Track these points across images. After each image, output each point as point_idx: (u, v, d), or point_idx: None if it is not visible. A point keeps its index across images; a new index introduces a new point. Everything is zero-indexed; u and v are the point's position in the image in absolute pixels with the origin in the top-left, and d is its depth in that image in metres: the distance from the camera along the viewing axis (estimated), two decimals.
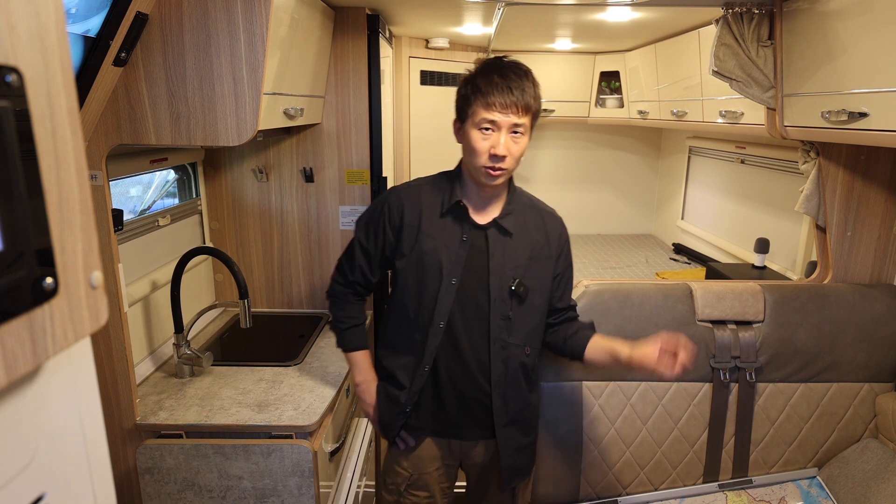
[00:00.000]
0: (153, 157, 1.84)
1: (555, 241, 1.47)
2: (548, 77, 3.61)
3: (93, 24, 1.17)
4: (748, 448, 1.85)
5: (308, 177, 2.26)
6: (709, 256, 3.33)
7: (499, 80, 1.28)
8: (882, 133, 1.38)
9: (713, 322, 1.81)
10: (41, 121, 0.43)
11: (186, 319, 1.84)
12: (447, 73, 3.32)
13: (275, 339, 2.18)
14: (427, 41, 3.19)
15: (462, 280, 1.39)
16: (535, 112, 1.33)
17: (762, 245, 2.61)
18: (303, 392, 1.69)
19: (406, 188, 1.46)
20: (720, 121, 2.28)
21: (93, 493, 0.55)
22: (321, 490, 1.59)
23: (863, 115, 1.42)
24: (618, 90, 3.60)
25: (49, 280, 0.45)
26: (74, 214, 0.47)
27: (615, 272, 3.28)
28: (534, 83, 1.33)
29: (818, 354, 1.82)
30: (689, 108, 2.62)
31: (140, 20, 1.27)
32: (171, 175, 2.17)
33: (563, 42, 3.14)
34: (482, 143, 1.30)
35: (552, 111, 3.65)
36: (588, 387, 1.80)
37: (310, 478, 1.52)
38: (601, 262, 3.49)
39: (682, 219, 3.79)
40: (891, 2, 1.31)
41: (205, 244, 2.27)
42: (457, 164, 1.46)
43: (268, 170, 2.26)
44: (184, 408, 1.59)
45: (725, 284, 1.84)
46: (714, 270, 2.68)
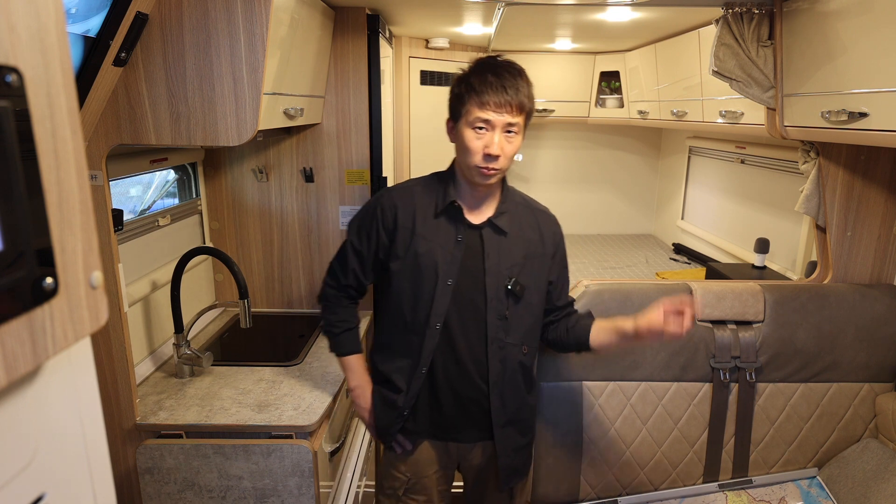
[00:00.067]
0: (153, 157, 1.84)
1: (549, 240, 1.46)
2: (548, 77, 3.61)
3: (93, 24, 1.17)
4: (748, 448, 1.85)
5: (308, 177, 2.26)
6: (709, 256, 3.33)
7: (493, 80, 1.28)
8: (882, 133, 1.38)
9: (713, 322, 1.81)
10: (41, 121, 0.43)
11: (186, 319, 1.84)
12: (447, 73, 3.32)
13: (275, 339, 2.18)
14: (427, 41, 3.19)
15: (458, 281, 1.38)
16: (529, 111, 1.33)
17: (762, 245, 2.61)
18: (303, 392, 1.69)
19: (398, 189, 1.45)
20: (720, 121, 2.28)
21: (93, 493, 0.55)
22: (321, 490, 1.59)
23: (863, 115, 1.42)
24: (618, 90, 3.60)
25: (49, 280, 0.45)
26: (74, 214, 0.47)
27: (615, 272, 3.28)
28: (527, 82, 1.32)
29: (818, 354, 1.82)
30: (689, 108, 2.62)
31: (140, 20, 1.27)
32: (171, 175, 2.17)
33: (563, 42, 3.14)
34: (476, 143, 1.30)
35: (552, 111, 3.65)
36: (588, 387, 1.80)
37: (310, 478, 1.52)
38: (601, 262, 3.49)
39: (682, 219, 3.79)
40: (891, 2, 1.31)
41: (205, 244, 2.27)
42: (449, 165, 1.45)
43: (268, 170, 2.26)
44: (184, 408, 1.59)
45: (725, 284, 1.84)
46: (714, 270, 2.68)
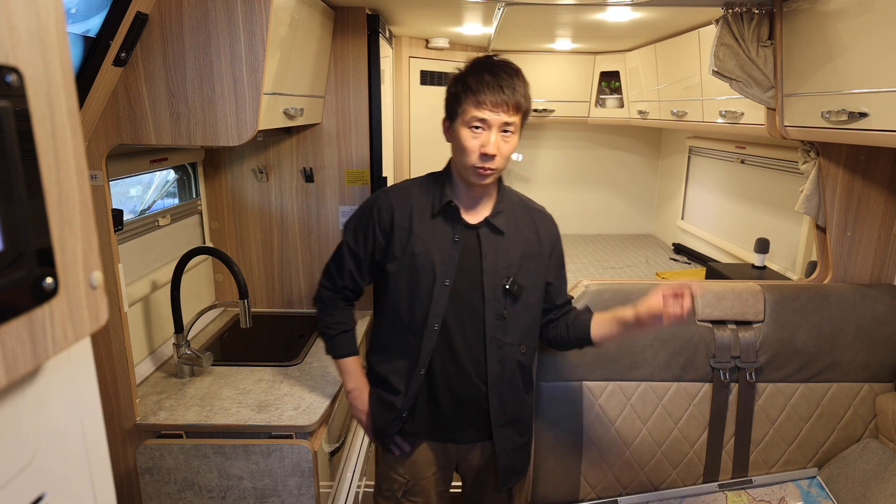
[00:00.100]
0: (153, 157, 1.84)
1: (546, 239, 1.46)
2: (548, 77, 3.61)
3: (93, 24, 1.17)
4: (748, 448, 1.84)
5: (308, 177, 2.26)
6: (709, 256, 3.33)
7: (489, 79, 1.27)
8: (882, 133, 1.38)
9: (713, 322, 1.81)
10: (41, 121, 0.43)
11: (186, 319, 1.84)
12: (447, 74, 3.30)
13: (275, 339, 2.18)
14: (427, 41, 3.19)
15: (455, 281, 1.37)
16: (526, 111, 1.33)
17: (762, 245, 2.61)
18: (303, 392, 1.69)
19: (394, 190, 1.44)
20: (720, 121, 2.28)
21: (93, 493, 0.55)
22: (321, 490, 1.59)
23: (863, 115, 1.42)
24: (618, 90, 3.60)
25: (49, 280, 0.45)
26: (74, 214, 0.47)
27: (615, 272, 3.28)
28: (524, 82, 1.32)
29: (818, 354, 1.82)
30: (689, 108, 2.62)
31: (140, 20, 1.27)
32: (171, 175, 2.17)
33: (563, 42, 3.14)
34: (472, 142, 1.29)
35: (552, 111, 3.65)
36: (588, 387, 1.80)
37: (310, 478, 1.52)
38: (601, 262, 3.49)
39: (682, 219, 3.79)
40: (891, 2, 1.31)
41: (205, 244, 2.27)
42: (445, 165, 1.45)
43: (268, 170, 2.26)
44: (184, 408, 1.59)
45: (725, 284, 1.84)
46: (714, 270, 2.68)
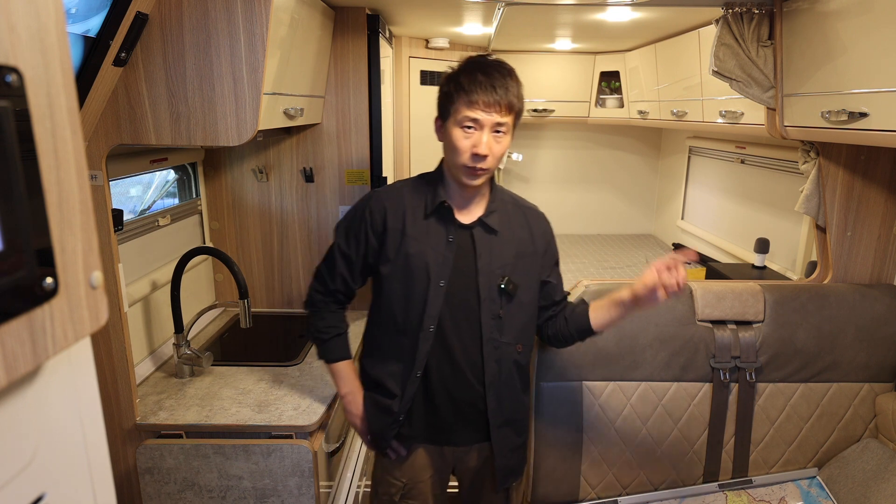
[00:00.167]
0: (153, 157, 1.84)
1: (539, 237, 1.45)
2: (548, 77, 3.61)
3: (93, 24, 1.17)
4: (748, 448, 1.84)
5: (308, 177, 2.26)
6: (709, 256, 3.33)
7: (482, 79, 1.26)
8: (882, 133, 1.38)
9: (713, 322, 1.81)
10: (41, 121, 0.43)
11: (186, 319, 1.84)
12: None
13: (275, 339, 2.18)
14: (427, 41, 3.19)
15: (450, 281, 1.36)
16: (518, 111, 1.32)
17: (762, 245, 2.61)
18: (303, 392, 1.69)
19: (386, 191, 1.43)
20: (720, 121, 2.28)
21: (93, 493, 0.55)
22: (321, 490, 1.59)
23: (863, 115, 1.42)
24: (618, 90, 3.60)
25: (49, 280, 0.45)
26: (74, 214, 0.47)
27: (615, 272, 3.28)
28: (517, 82, 1.31)
29: (818, 354, 1.82)
30: (689, 108, 2.62)
31: (140, 20, 1.27)
32: (171, 175, 2.17)
33: (563, 42, 3.14)
34: (464, 142, 1.29)
35: (552, 111, 3.65)
36: (588, 387, 1.80)
37: (310, 478, 1.52)
38: (601, 262, 3.49)
39: (682, 219, 3.79)
40: (891, 2, 1.31)
41: (205, 244, 2.27)
42: (437, 165, 1.44)
43: (268, 170, 2.26)
44: (184, 408, 1.59)
45: (725, 284, 1.84)
46: (714, 270, 2.68)
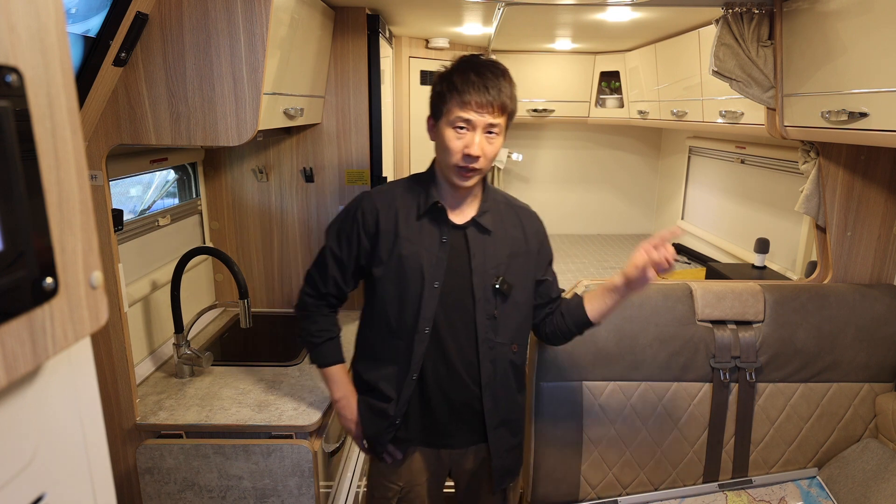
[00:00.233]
0: (153, 157, 1.84)
1: (533, 236, 1.45)
2: (548, 77, 3.61)
3: (93, 24, 1.17)
4: (748, 448, 1.84)
5: (308, 177, 2.26)
6: (709, 256, 3.33)
7: (475, 79, 1.25)
8: (882, 133, 1.38)
9: (713, 322, 1.81)
10: (41, 121, 0.43)
11: (186, 319, 1.84)
12: None
13: (275, 339, 2.18)
14: (427, 41, 3.19)
15: (444, 282, 1.35)
16: (511, 112, 1.31)
17: (762, 245, 2.61)
18: (303, 392, 1.69)
19: (378, 192, 1.42)
20: (720, 121, 2.28)
21: (93, 493, 0.55)
22: (321, 490, 1.59)
23: (863, 115, 1.42)
24: (618, 90, 3.60)
25: (49, 280, 0.45)
26: (74, 214, 0.47)
27: (615, 272, 3.27)
28: (510, 83, 1.30)
29: (818, 354, 1.82)
30: (689, 108, 2.62)
31: (140, 20, 1.27)
32: (171, 175, 2.17)
33: (563, 42, 3.14)
34: (456, 143, 1.28)
35: (552, 111, 3.65)
36: (588, 387, 1.80)
37: (310, 478, 1.52)
38: (601, 262, 3.49)
39: (682, 219, 3.79)
40: (891, 2, 1.31)
41: (205, 244, 2.27)
42: (429, 166, 1.43)
43: (268, 170, 2.26)
44: (184, 408, 1.59)
45: (725, 284, 1.84)
46: (714, 270, 2.68)
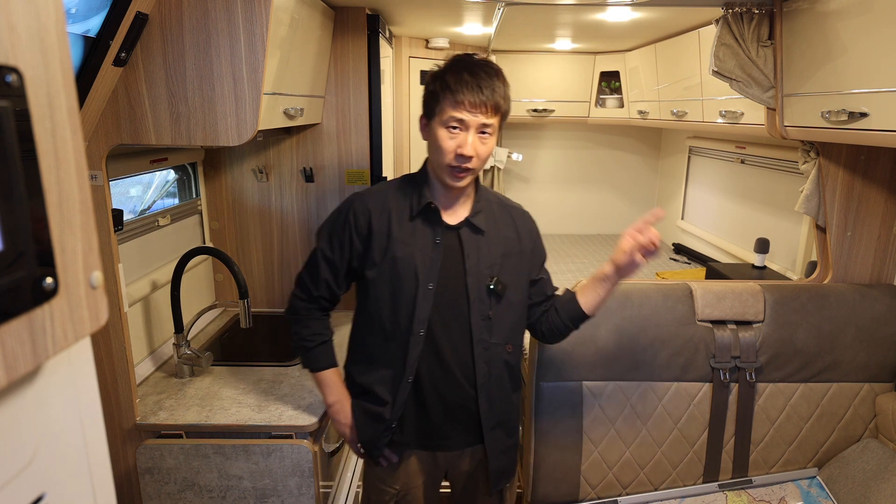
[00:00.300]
0: (153, 157, 1.84)
1: (526, 236, 1.45)
2: (548, 77, 3.61)
3: (93, 24, 1.17)
4: (748, 448, 1.84)
5: (308, 177, 2.26)
6: (709, 256, 3.33)
7: (469, 79, 1.25)
8: (882, 133, 1.38)
9: (713, 322, 1.81)
10: (41, 121, 0.43)
11: (186, 319, 1.84)
12: None
13: (275, 339, 2.18)
14: (427, 41, 3.19)
15: (439, 284, 1.34)
16: (505, 113, 1.30)
17: (762, 245, 2.61)
18: (303, 392, 1.69)
19: (370, 193, 1.40)
20: (720, 121, 2.28)
21: (93, 493, 0.55)
22: (321, 490, 1.59)
23: (863, 115, 1.42)
24: (618, 90, 3.60)
25: (49, 280, 0.45)
26: (74, 214, 0.47)
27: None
28: (504, 83, 1.30)
29: (818, 354, 1.82)
30: (689, 108, 2.62)
31: (140, 20, 1.27)
32: (171, 175, 2.17)
33: (563, 42, 3.14)
34: (449, 143, 1.27)
35: (552, 111, 3.65)
36: (588, 387, 1.80)
37: (310, 478, 1.53)
38: (601, 262, 3.47)
39: (682, 219, 3.79)
40: (891, 2, 1.31)
41: (205, 244, 2.27)
42: (421, 167, 1.43)
43: (268, 170, 2.26)
44: (184, 408, 1.59)
45: (725, 284, 1.84)
46: (714, 270, 2.68)
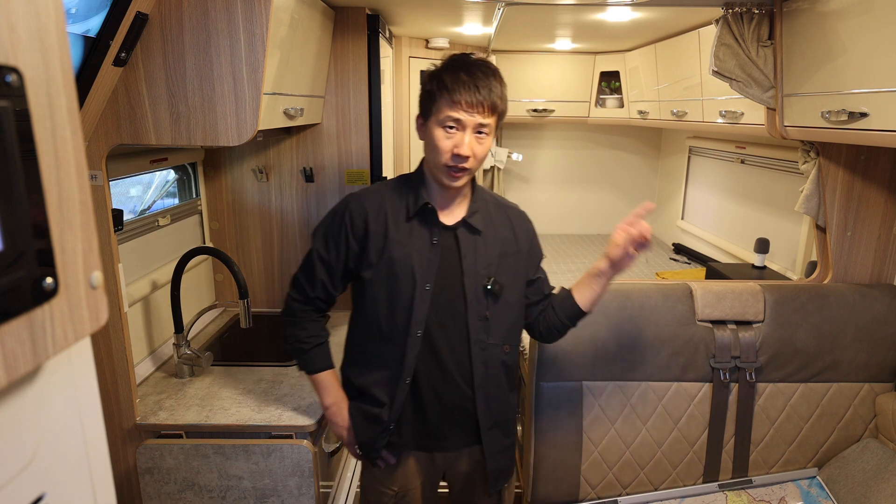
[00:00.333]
0: (153, 157, 1.84)
1: (522, 236, 1.45)
2: (548, 77, 3.61)
3: (93, 24, 1.17)
4: (748, 448, 1.84)
5: (308, 177, 2.26)
6: (709, 256, 3.33)
7: (466, 78, 1.24)
8: (882, 133, 1.38)
9: (713, 322, 1.81)
10: (41, 121, 0.43)
11: (186, 319, 1.84)
12: None
13: (275, 339, 2.18)
14: (427, 41, 3.19)
15: (436, 284, 1.34)
16: (501, 113, 1.30)
17: (762, 245, 2.61)
18: (303, 392, 1.69)
19: (366, 194, 1.39)
20: (720, 121, 2.28)
21: (93, 493, 0.55)
22: (321, 490, 1.59)
23: (863, 115, 1.42)
24: (618, 90, 3.60)
25: (49, 280, 0.45)
26: (74, 214, 0.47)
27: None
28: (501, 83, 1.29)
29: (818, 354, 1.82)
30: (689, 108, 2.62)
31: (140, 20, 1.27)
32: (171, 175, 2.17)
33: (563, 42, 3.14)
34: (446, 142, 1.27)
35: (552, 111, 3.65)
36: (588, 387, 1.80)
37: (310, 478, 1.53)
38: None
39: (682, 219, 3.79)
40: (891, 2, 1.31)
41: (205, 244, 2.27)
42: (417, 167, 1.42)
43: (268, 170, 2.26)
44: (184, 408, 1.59)
45: (725, 284, 1.84)
46: (714, 270, 2.68)
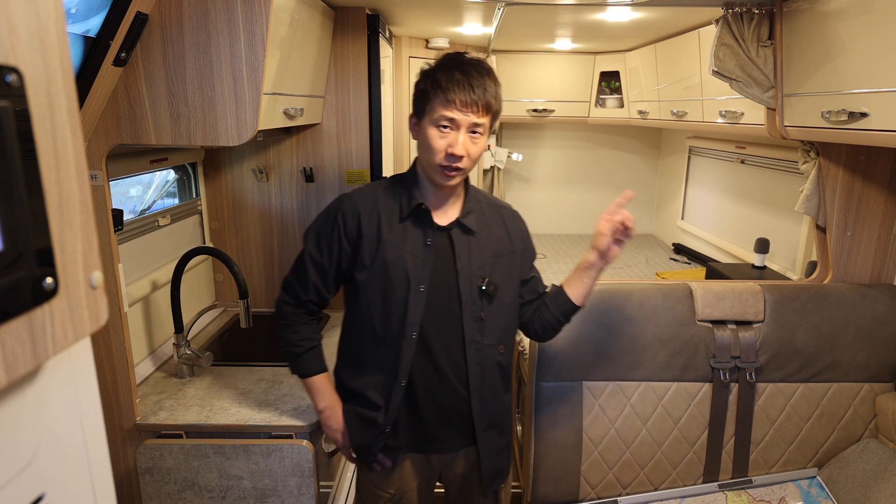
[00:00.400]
0: (153, 157, 1.84)
1: (516, 235, 1.44)
2: (548, 77, 3.61)
3: (93, 24, 1.17)
4: (748, 448, 1.84)
5: (308, 177, 2.26)
6: (709, 256, 3.33)
7: (460, 77, 1.23)
8: (882, 133, 1.38)
9: (713, 322, 1.81)
10: (41, 121, 0.43)
11: (186, 319, 1.84)
12: None
13: (275, 339, 2.17)
14: (427, 41, 3.19)
15: (430, 285, 1.33)
16: (496, 112, 1.29)
17: (762, 245, 2.61)
18: (302, 392, 1.69)
19: (359, 195, 1.38)
20: (720, 121, 2.28)
21: (93, 493, 0.55)
22: (321, 490, 1.59)
23: (863, 115, 1.42)
24: (618, 90, 3.60)
25: (49, 280, 0.45)
26: (74, 214, 0.47)
27: (615, 272, 3.28)
28: (495, 82, 1.29)
29: (818, 354, 1.82)
30: (689, 108, 2.62)
31: (140, 20, 1.27)
32: (171, 175, 2.17)
33: (563, 42, 3.14)
34: (439, 142, 1.26)
35: (552, 111, 3.65)
36: (588, 387, 1.80)
37: (310, 478, 1.53)
38: None
39: (682, 219, 3.79)
40: (891, 2, 1.31)
41: (205, 244, 2.27)
42: (410, 167, 1.42)
43: (268, 170, 2.26)
44: (184, 408, 1.59)
45: (725, 284, 1.84)
46: (714, 270, 2.68)
